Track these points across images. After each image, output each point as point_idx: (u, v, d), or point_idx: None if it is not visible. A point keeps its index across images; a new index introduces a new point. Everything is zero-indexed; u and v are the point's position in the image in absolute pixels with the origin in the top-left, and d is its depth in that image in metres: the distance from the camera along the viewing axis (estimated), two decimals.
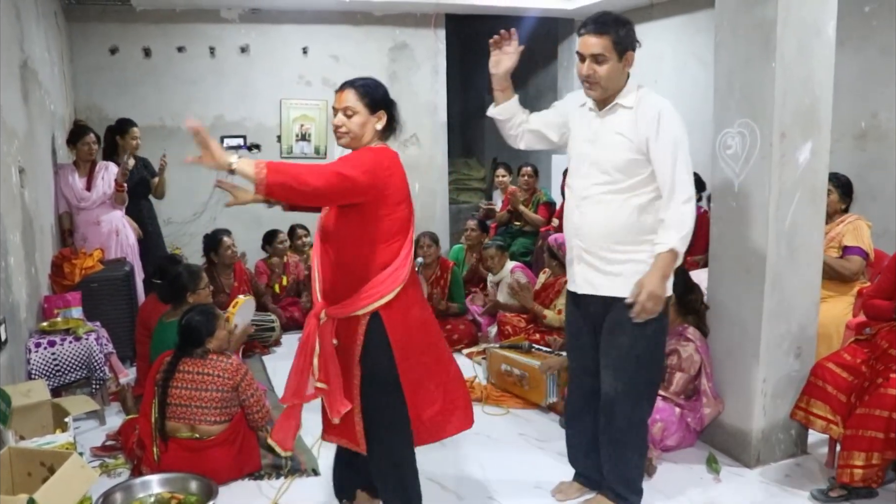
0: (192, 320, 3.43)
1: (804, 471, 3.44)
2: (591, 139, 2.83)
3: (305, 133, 7.48)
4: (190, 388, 3.31)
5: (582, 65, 2.74)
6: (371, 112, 2.58)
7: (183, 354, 3.39)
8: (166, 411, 3.32)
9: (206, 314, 3.47)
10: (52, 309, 4.34)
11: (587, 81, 2.75)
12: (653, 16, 7.09)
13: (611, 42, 2.68)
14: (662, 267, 2.66)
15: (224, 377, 3.34)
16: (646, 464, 3.37)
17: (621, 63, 2.72)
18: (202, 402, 3.31)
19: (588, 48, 2.70)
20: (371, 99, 2.58)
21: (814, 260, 3.48)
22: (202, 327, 3.41)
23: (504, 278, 5.39)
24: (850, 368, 3.25)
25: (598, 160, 2.80)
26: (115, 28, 6.86)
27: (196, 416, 3.31)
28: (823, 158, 3.40)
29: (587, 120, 2.88)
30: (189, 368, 3.35)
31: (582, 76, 2.75)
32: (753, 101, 3.32)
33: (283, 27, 7.29)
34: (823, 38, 3.30)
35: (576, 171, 2.90)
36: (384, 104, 2.62)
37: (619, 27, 2.69)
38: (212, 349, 3.42)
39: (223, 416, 3.35)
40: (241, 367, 3.43)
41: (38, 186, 4.64)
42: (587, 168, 2.83)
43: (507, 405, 4.29)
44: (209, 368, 3.35)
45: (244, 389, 3.39)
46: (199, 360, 3.37)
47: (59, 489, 2.39)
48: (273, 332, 5.48)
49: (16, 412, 3.10)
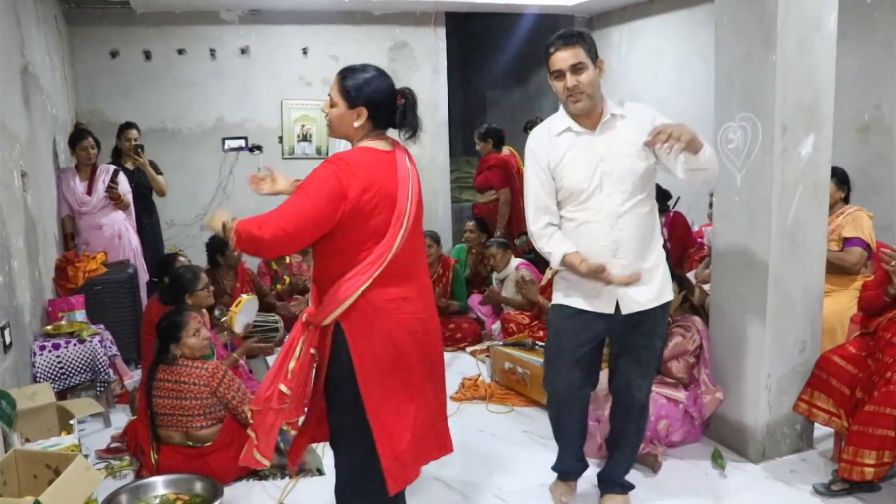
0: (160, 325, 3.38)
1: (809, 465, 3.44)
2: (603, 157, 2.75)
3: (307, 133, 7.49)
4: (171, 398, 3.29)
5: (561, 81, 2.72)
6: (349, 107, 2.38)
7: (159, 361, 3.36)
8: (156, 420, 3.31)
9: (173, 321, 3.38)
10: (56, 312, 4.35)
11: (572, 93, 2.70)
12: (652, 11, 7.07)
13: (583, 50, 2.69)
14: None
15: (199, 384, 3.29)
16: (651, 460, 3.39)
17: (597, 70, 2.73)
18: (184, 410, 3.29)
19: (565, 61, 2.69)
20: (350, 93, 2.38)
21: (817, 254, 3.47)
22: (167, 335, 3.35)
23: (509, 275, 5.39)
24: (855, 361, 3.24)
25: (621, 176, 2.75)
26: (115, 31, 6.87)
27: (183, 424, 3.30)
28: (826, 152, 3.40)
29: (583, 142, 2.78)
30: (165, 377, 3.31)
31: (565, 91, 2.71)
32: (754, 96, 3.32)
33: (283, 28, 7.29)
34: (825, 32, 3.29)
35: (596, 193, 2.76)
36: (364, 100, 2.37)
37: (584, 37, 2.73)
38: (183, 355, 3.35)
39: (210, 420, 3.33)
40: (216, 371, 3.32)
41: (40, 191, 4.65)
42: (611, 186, 2.75)
43: (511, 403, 4.29)
44: (184, 377, 3.29)
45: (224, 392, 3.32)
46: (171, 367, 3.33)
47: (64, 491, 2.40)
48: (277, 332, 5.48)
49: (21, 415, 3.12)
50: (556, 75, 2.73)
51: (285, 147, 7.44)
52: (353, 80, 2.39)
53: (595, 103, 2.75)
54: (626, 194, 2.75)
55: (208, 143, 7.30)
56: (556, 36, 2.74)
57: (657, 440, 3.44)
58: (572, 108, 2.76)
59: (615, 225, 2.76)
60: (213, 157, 7.30)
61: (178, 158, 7.07)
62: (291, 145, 7.46)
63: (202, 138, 7.28)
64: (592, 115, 2.77)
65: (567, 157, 2.79)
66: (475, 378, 4.62)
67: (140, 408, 3.40)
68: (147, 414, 3.31)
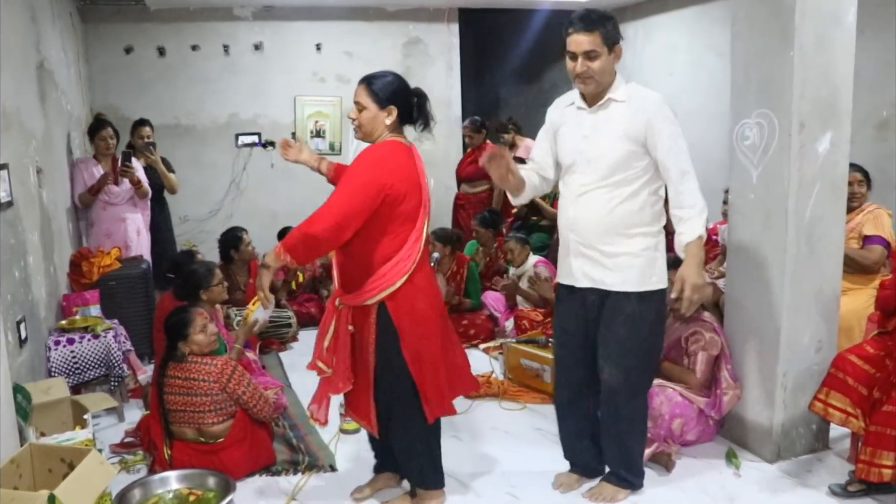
0: (167, 323, 3.38)
1: (825, 466, 3.41)
2: (586, 135, 2.87)
3: (320, 130, 7.50)
4: (182, 395, 3.27)
5: (574, 63, 2.77)
6: (380, 107, 2.71)
7: (168, 358, 3.36)
8: (168, 416, 3.31)
9: (180, 318, 3.38)
10: (70, 307, 4.38)
11: (580, 78, 2.78)
12: (667, 7, 7.03)
13: (600, 37, 2.73)
14: (696, 255, 2.78)
15: (209, 381, 3.26)
16: (665, 458, 3.37)
17: (612, 56, 2.78)
18: (195, 406, 3.27)
19: (580, 46, 2.73)
20: (379, 95, 2.71)
21: (834, 252, 3.43)
22: (174, 332, 3.34)
23: (526, 272, 5.36)
24: (872, 361, 3.20)
25: (594, 156, 2.85)
26: (129, 28, 6.90)
27: (195, 420, 3.29)
28: (844, 149, 3.35)
29: (579, 118, 2.91)
30: (175, 374, 3.30)
31: (575, 74, 2.78)
32: (771, 92, 3.28)
33: (297, 24, 7.30)
34: (844, 26, 3.25)
35: (572, 168, 2.93)
36: (394, 99, 2.73)
37: (605, 21, 2.75)
38: (192, 351, 3.34)
39: (221, 416, 3.31)
40: (226, 367, 3.31)
41: (55, 186, 4.68)
42: (584, 165, 2.88)
43: (523, 400, 4.28)
44: (193, 373, 3.28)
45: (234, 388, 3.29)
46: (181, 363, 3.31)
47: (79, 485, 2.41)
48: (290, 328, 5.50)
49: (36, 409, 3.14)
50: (570, 55, 2.78)
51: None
52: (379, 84, 2.73)
53: (604, 87, 2.82)
54: (597, 175, 2.83)
55: (222, 140, 7.32)
56: (578, 16, 2.75)
57: (671, 439, 3.42)
58: (580, 89, 2.86)
59: (574, 202, 2.91)
60: (226, 153, 7.33)
61: (191, 154, 7.10)
62: (304, 141, 7.47)
63: (216, 134, 7.30)
64: (597, 95, 2.85)
65: (562, 130, 2.97)
66: (488, 375, 4.60)
67: (152, 404, 3.40)
68: (159, 410, 3.32)
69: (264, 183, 7.32)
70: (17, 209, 3.61)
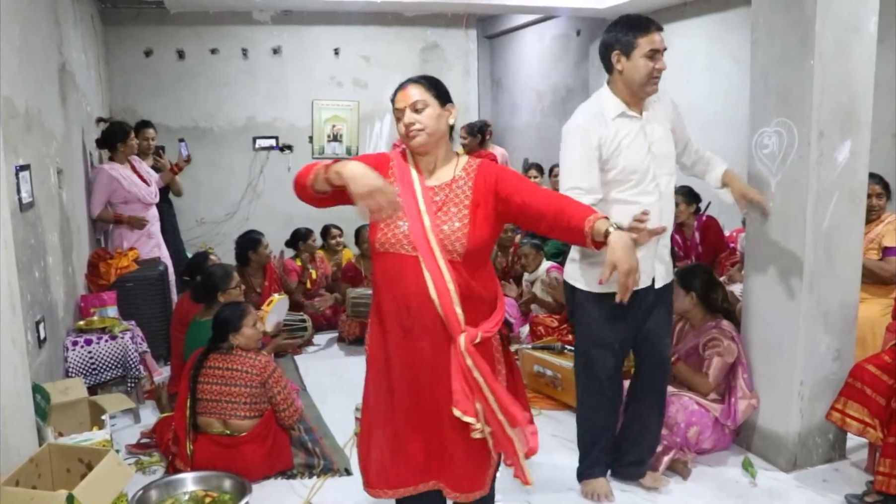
0: (221, 314, 3.49)
1: (842, 476, 3.38)
2: (652, 142, 2.94)
3: (337, 134, 7.53)
4: (218, 384, 3.36)
5: (654, 62, 2.84)
6: (441, 105, 2.29)
7: (211, 350, 3.44)
8: (197, 407, 3.36)
9: (235, 310, 3.51)
10: (88, 308, 4.41)
11: (658, 74, 2.87)
12: (686, 14, 7.00)
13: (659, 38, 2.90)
14: None
15: (252, 373, 3.37)
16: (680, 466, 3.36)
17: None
18: (231, 396, 3.35)
19: (663, 43, 2.87)
20: (438, 91, 2.31)
21: (852, 261, 3.41)
22: (228, 323, 3.44)
23: (540, 277, 5.36)
24: (890, 371, 3.17)
25: (667, 158, 2.99)
26: (149, 31, 6.97)
27: (226, 411, 3.35)
28: (863, 158, 3.33)
29: (636, 128, 2.92)
30: (216, 364, 3.40)
31: (658, 71, 2.85)
32: (790, 100, 3.27)
33: (315, 28, 7.34)
34: (864, 35, 3.23)
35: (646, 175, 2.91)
36: (450, 98, 2.35)
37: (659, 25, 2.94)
38: (238, 345, 3.44)
39: (253, 411, 3.38)
40: (269, 364, 3.44)
41: (74, 187, 4.72)
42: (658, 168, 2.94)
43: (539, 406, 4.26)
44: (237, 364, 3.38)
45: (272, 386, 3.41)
46: (225, 355, 3.41)
47: (97, 486, 2.42)
48: (305, 331, 5.51)
49: (55, 409, 3.17)
50: (654, 53, 2.83)
51: (315, 147, 7.49)
52: (434, 81, 2.35)
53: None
54: (669, 172, 3.00)
55: (239, 142, 7.37)
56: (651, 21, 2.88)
57: (687, 447, 3.40)
58: (649, 91, 2.89)
59: (663, 207, 2.96)
60: (243, 156, 7.37)
61: (209, 157, 7.15)
62: (321, 145, 7.50)
63: (233, 137, 7.35)
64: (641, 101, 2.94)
65: (623, 143, 2.90)
66: None
67: (180, 397, 3.46)
68: (187, 403, 3.36)
69: (281, 186, 7.34)
70: (37, 210, 3.64)
